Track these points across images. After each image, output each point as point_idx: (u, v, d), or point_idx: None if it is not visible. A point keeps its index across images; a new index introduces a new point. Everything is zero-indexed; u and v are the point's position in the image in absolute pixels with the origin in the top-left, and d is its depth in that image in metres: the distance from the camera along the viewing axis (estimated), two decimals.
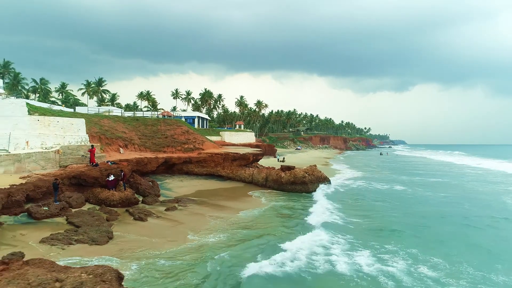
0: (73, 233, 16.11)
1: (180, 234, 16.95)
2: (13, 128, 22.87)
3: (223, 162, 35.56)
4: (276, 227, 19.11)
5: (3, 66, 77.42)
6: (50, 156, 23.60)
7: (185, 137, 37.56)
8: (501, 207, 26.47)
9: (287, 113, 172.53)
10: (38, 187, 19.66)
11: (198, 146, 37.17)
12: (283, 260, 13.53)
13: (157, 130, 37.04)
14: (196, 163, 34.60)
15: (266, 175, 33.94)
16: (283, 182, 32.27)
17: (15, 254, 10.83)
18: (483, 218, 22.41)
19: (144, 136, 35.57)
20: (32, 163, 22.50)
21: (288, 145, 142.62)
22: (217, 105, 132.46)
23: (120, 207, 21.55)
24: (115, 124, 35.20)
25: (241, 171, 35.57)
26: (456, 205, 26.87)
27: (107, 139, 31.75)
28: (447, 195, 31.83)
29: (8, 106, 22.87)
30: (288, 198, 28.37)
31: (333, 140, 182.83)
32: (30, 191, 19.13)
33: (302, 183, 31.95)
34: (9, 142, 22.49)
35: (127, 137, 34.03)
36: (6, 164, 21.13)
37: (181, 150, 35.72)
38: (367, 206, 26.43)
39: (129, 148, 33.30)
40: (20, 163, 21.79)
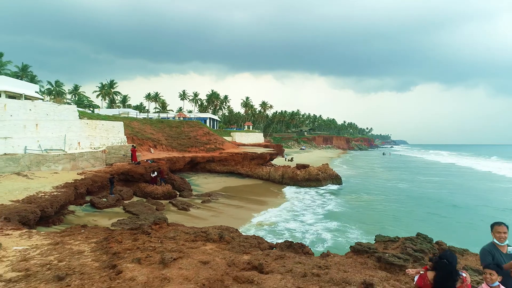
0: (135, 219, 19.24)
1: (243, 215, 21.20)
2: (67, 131, 26.06)
3: (242, 161, 38.70)
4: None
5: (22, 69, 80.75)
6: (98, 155, 26.78)
7: (207, 138, 40.71)
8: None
9: (291, 114, 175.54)
10: (95, 182, 22.89)
11: (219, 146, 40.31)
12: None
13: (181, 132, 40.20)
14: (218, 161, 37.75)
15: (282, 173, 37.06)
16: (298, 179, 35.40)
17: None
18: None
19: (170, 137, 38.74)
20: (84, 161, 25.71)
21: (292, 145, 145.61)
22: (222, 106, 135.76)
23: (163, 200, 24.71)
24: (144, 126, 38.39)
25: (259, 169, 38.69)
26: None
27: (138, 140, 34.92)
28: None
29: (63, 112, 26.05)
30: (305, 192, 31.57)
31: (336, 140, 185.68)
32: (89, 185, 22.35)
33: (316, 179, 35.09)
34: (64, 143, 25.68)
35: (155, 138, 37.21)
36: (64, 162, 24.33)
37: (204, 150, 38.86)
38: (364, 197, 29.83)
39: (157, 148, 36.48)
40: (75, 161, 25.00)
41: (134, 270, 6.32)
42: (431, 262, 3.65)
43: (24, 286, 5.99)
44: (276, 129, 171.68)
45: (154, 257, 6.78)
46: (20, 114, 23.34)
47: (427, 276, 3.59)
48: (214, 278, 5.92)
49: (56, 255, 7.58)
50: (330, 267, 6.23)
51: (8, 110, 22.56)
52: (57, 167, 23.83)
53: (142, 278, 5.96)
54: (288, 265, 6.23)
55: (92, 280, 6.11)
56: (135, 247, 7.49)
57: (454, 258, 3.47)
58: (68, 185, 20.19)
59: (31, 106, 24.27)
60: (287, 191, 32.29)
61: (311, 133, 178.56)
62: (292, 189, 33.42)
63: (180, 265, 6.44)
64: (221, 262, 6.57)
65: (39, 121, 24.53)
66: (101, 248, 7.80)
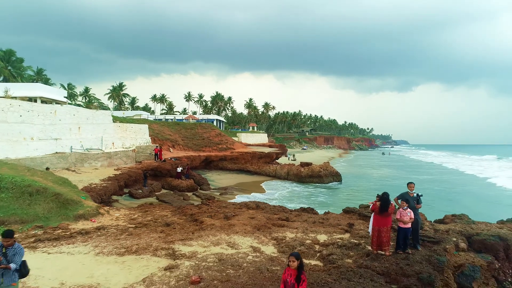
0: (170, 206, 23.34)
1: None
2: (103, 133, 30.16)
3: (251, 159, 42.76)
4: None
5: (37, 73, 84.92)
6: (129, 154, 30.88)
7: (219, 139, 44.79)
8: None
9: (292, 114, 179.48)
10: (130, 176, 26.98)
11: (229, 146, 44.38)
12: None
13: (195, 133, 44.30)
14: (230, 160, 41.82)
15: (287, 170, 41.07)
16: (302, 175, 39.42)
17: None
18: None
19: (186, 138, 42.85)
20: (118, 159, 29.80)
21: (294, 145, 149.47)
22: (226, 107, 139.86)
23: (187, 192, 28.76)
24: (162, 128, 42.51)
25: (266, 167, 42.73)
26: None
27: (159, 140, 39.02)
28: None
29: (100, 116, 30.14)
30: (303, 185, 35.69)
31: (337, 140, 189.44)
32: (126, 179, 26.44)
33: (318, 176, 39.10)
34: (101, 143, 29.78)
35: (173, 139, 41.32)
36: (102, 160, 28.43)
37: (217, 150, 42.94)
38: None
39: (175, 148, 40.57)
40: (110, 159, 29.10)
41: (210, 221, 10.39)
42: (378, 197, 7.64)
43: (147, 229, 10.05)
44: (278, 130, 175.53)
45: (219, 215, 10.85)
46: (66, 118, 27.41)
47: (376, 203, 7.58)
48: (260, 224, 9.98)
49: (151, 216, 11.64)
50: (329, 219, 10.31)
51: (57, 115, 26.63)
52: (96, 164, 27.92)
53: (218, 224, 10.03)
54: (304, 218, 10.31)
55: (186, 226, 10.17)
56: (202, 211, 11.56)
57: (388, 195, 7.44)
58: (111, 179, 24.30)
59: (74, 112, 28.37)
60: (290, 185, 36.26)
61: (312, 133, 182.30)
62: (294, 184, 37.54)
63: (237, 219, 10.51)
64: (262, 217, 10.64)
65: (81, 124, 28.62)
66: (179, 213, 11.88)
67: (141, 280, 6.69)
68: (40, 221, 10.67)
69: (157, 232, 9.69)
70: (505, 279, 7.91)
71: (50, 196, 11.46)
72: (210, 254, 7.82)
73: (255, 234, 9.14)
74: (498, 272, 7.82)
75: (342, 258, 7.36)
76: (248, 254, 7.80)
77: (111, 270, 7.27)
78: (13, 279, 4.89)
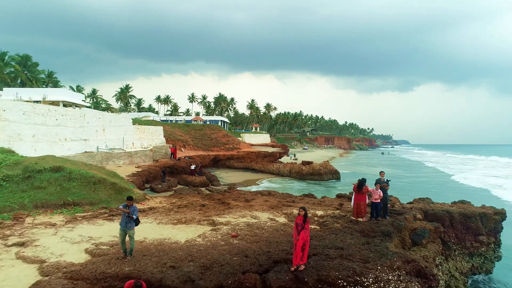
0: None
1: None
2: (124, 134, 33.45)
3: (256, 158, 46.03)
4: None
5: (48, 76, 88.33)
6: (148, 153, 34.16)
7: (226, 139, 48.08)
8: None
9: (294, 115, 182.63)
10: (150, 173, 30.25)
11: (236, 146, 47.66)
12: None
13: (204, 134, 47.59)
14: (236, 159, 45.09)
15: (290, 168, 44.33)
16: (303, 173, 42.66)
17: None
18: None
19: (195, 138, 46.14)
20: (138, 158, 33.08)
21: (295, 145, 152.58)
22: (229, 107, 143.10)
23: (200, 187, 31.99)
24: (173, 129, 45.82)
25: (270, 165, 45.98)
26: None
27: (171, 141, 42.33)
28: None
29: (121, 119, 33.44)
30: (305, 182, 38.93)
31: (337, 140, 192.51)
32: (147, 176, 29.70)
33: (318, 174, 42.35)
34: (123, 143, 33.06)
35: (184, 139, 44.62)
36: (124, 158, 31.71)
37: (224, 149, 46.22)
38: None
39: (186, 148, 43.88)
40: (131, 157, 32.38)
41: (235, 203, 13.65)
42: (358, 181, 10.88)
43: (187, 208, 13.32)
44: (279, 130, 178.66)
45: (240, 199, 14.12)
46: (93, 121, 30.70)
47: (355, 185, 10.84)
48: (273, 205, 13.24)
49: (186, 201, 14.92)
50: (325, 201, 13.58)
51: (86, 118, 29.92)
52: (119, 162, 31.19)
53: (241, 205, 13.28)
54: (306, 201, 13.57)
55: (217, 206, 13.43)
56: (226, 197, 14.84)
57: (364, 180, 10.69)
58: (135, 175, 27.56)
59: (100, 115, 31.67)
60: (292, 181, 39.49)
61: (313, 133, 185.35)
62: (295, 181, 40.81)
63: (255, 201, 13.77)
64: (274, 200, 13.93)
65: (105, 126, 31.92)
66: (208, 198, 15.15)
67: (197, 236, 9.97)
68: (104, 203, 13.95)
69: (196, 210, 12.96)
70: (449, 240, 11.16)
71: (108, 185, 14.75)
72: (240, 222, 11.10)
73: (270, 211, 12.40)
74: (444, 235, 11.06)
75: (333, 223, 10.61)
76: (267, 222, 11.08)
77: (173, 232, 10.54)
78: (132, 225, 8.18)
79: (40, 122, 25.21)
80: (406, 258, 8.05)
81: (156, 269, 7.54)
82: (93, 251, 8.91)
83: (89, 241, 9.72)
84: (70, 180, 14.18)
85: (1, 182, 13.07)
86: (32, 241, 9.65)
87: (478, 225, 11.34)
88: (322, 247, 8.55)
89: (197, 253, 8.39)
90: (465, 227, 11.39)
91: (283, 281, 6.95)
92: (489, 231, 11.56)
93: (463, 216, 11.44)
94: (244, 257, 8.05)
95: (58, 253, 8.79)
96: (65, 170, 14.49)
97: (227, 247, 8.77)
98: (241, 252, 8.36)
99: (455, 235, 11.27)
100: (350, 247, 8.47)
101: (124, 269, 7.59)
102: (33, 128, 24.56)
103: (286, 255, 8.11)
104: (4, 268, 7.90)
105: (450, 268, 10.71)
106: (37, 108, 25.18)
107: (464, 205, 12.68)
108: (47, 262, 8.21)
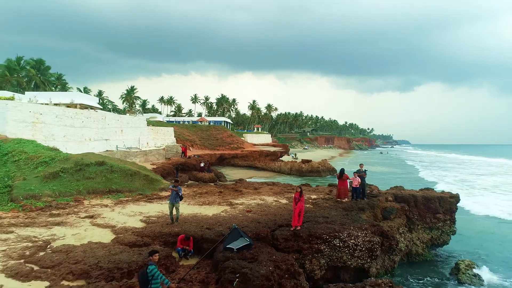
0: None
1: None
2: (140, 134, 36.76)
3: (259, 157, 49.32)
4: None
5: (57, 78, 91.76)
6: (161, 152, 37.49)
7: (230, 139, 51.40)
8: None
9: (294, 115, 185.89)
10: (164, 170, 33.54)
11: (240, 145, 50.97)
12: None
13: (210, 134, 50.92)
14: (241, 157, 48.41)
15: (290, 166, 47.61)
16: (303, 171, 45.95)
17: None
18: None
19: (202, 138, 49.47)
20: (152, 156, 36.42)
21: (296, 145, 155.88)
22: (231, 108, 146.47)
23: (209, 183, 35.29)
24: (182, 130, 49.14)
25: (272, 163, 49.28)
26: None
27: (180, 141, 45.65)
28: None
29: (137, 121, 36.76)
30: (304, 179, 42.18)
31: (337, 140, 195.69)
32: (161, 172, 32.97)
33: (317, 171, 45.64)
34: (139, 143, 36.37)
35: (192, 139, 47.93)
36: (140, 156, 35.02)
37: (229, 149, 49.53)
38: None
39: (194, 147, 47.19)
40: (146, 156, 35.71)
41: (246, 190, 16.96)
42: (339, 170, 14.16)
43: (208, 194, 16.63)
44: (280, 130, 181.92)
45: (250, 188, 17.42)
46: (112, 123, 34.01)
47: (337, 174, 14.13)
48: (277, 192, 16.56)
49: (205, 190, 18.21)
50: (318, 189, 16.90)
51: (106, 120, 33.23)
52: (135, 159, 34.48)
53: (251, 191, 16.60)
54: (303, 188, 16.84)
55: (232, 193, 16.74)
56: (238, 186, 18.14)
57: (343, 169, 13.98)
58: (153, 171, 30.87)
59: (118, 118, 34.99)
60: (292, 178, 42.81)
61: (313, 133, 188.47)
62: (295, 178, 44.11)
63: (262, 189, 17.08)
64: (278, 188, 17.26)
65: (123, 127, 35.24)
66: (223, 187, 18.45)
67: (220, 211, 13.28)
68: (139, 191, 17.26)
69: (215, 195, 16.28)
70: (413, 216, 14.44)
71: (142, 176, 18.07)
72: (251, 203, 14.41)
73: (275, 195, 15.71)
74: (409, 213, 14.35)
75: (323, 203, 13.89)
76: (273, 202, 14.39)
77: (201, 209, 13.85)
78: (178, 200, 11.50)
79: (69, 124, 28.53)
80: (373, 224, 11.35)
81: (197, 229, 10.85)
82: (146, 220, 12.22)
83: (140, 215, 13.03)
84: (112, 172, 17.50)
85: (60, 173, 16.38)
86: (98, 215, 12.95)
87: (436, 206, 14.59)
88: (314, 217, 11.85)
89: (223, 221, 11.71)
90: (426, 207, 14.65)
91: (285, 235, 10.25)
92: (445, 210, 14.80)
93: (425, 199, 14.70)
94: (257, 223, 11.35)
95: (122, 222, 12.10)
96: (107, 164, 17.81)
97: (244, 218, 12.08)
98: (255, 221, 11.66)
99: (418, 213, 14.53)
100: (334, 217, 11.78)
101: (174, 229, 10.89)
102: (64, 129, 27.89)
103: (287, 222, 11.39)
104: (89, 230, 11.21)
105: (413, 237, 13.97)
106: (66, 111, 28.50)
107: (428, 191, 15.94)
108: (117, 227, 11.51)
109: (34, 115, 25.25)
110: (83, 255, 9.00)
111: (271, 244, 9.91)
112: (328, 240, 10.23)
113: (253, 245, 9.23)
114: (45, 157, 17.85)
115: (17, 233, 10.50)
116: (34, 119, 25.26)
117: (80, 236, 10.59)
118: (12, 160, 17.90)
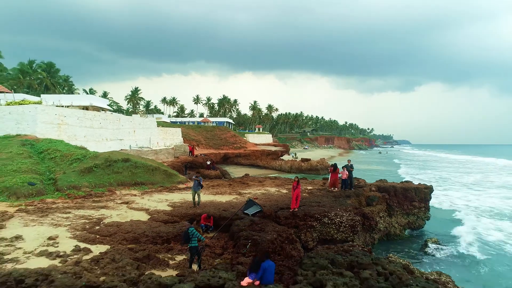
0: None
1: None
2: (150, 135, 39.57)
3: (261, 156, 52.12)
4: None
5: (64, 80, 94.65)
6: (170, 151, 40.30)
7: (234, 139, 54.20)
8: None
9: (295, 115, 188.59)
10: (174, 167, 36.27)
11: (243, 145, 53.78)
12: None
13: (214, 134, 53.72)
14: (243, 156, 51.22)
15: (290, 165, 50.39)
16: (303, 169, 48.74)
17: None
18: None
19: (207, 138, 52.29)
20: (162, 155, 39.23)
21: (296, 145, 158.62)
22: (232, 109, 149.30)
23: (215, 179, 38.07)
24: (188, 130, 51.96)
25: (273, 162, 52.06)
26: None
27: (187, 141, 48.46)
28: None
29: (148, 122, 39.56)
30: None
31: (337, 140, 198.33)
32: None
33: (315, 169, 48.43)
34: (150, 143, 39.18)
35: (197, 139, 50.74)
36: (151, 155, 37.79)
37: (232, 148, 52.33)
38: None
39: (199, 146, 49.99)
40: (157, 154, 38.51)
41: (252, 183, 19.76)
42: (333, 165, 16.93)
43: (219, 186, 19.44)
44: (280, 130, 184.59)
45: (255, 181, 20.25)
46: (126, 124, 36.82)
47: (331, 168, 16.89)
48: (279, 184, 19.40)
49: (216, 183, 20.99)
50: (314, 182, 19.70)
51: (120, 122, 36.04)
52: (147, 158, 37.25)
53: (256, 184, 19.41)
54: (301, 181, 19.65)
55: (240, 185, 19.54)
56: (245, 179, 20.95)
57: (336, 165, 16.74)
58: None
59: (131, 119, 37.80)
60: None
61: (313, 133, 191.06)
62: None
63: (266, 182, 19.89)
64: (279, 182, 20.11)
65: (136, 128, 38.05)
66: (231, 181, 21.24)
67: (231, 199, 16.08)
68: (160, 184, 20.06)
69: (226, 187, 19.10)
70: (392, 204, 17.23)
71: (161, 171, 20.87)
72: (257, 193, 17.21)
73: (277, 187, 18.53)
74: (389, 200, 17.13)
75: (317, 192, 16.68)
76: (275, 192, 17.21)
77: (215, 197, 16.65)
78: (200, 188, 14.32)
79: (89, 125, 31.35)
80: (355, 207, 14.15)
81: (215, 211, 13.65)
82: (173, 205, 15.02)
83: (166, 202, 15.83)
84: (136, 168, 20.31)
85: (93, 168, 19.19)
86: (131, 201, 15.74)
87: (412, 195, 17.38)
88: (308, 202, 14.65)
89: (235, 205, 14.52)
90: (404, 196, 17.43)
91: (285, 215, 13.05)
92: (421, 199, 17.58)
93: (403, 189, 17.49)
94: (263, 207, 14.14)
95: (153, 206, 14.90)
96: (132, 161, 20.62)
97: None
98: (261, 205, 14.45)
99: (397, 201, 17.32)
100: (324, 202, 14.58)
101: (197, 211, 13.69)
102: (84, 130, 30.71)
103: (287, 206, 14.18)
104: (128, 212, 14.01)
105: (392, 221, 16.75)
106: (86, 114, 31.32)
107: (407, 183, 18.73)
108: (150, 209, 14.31)
109: (59, 117, 28.07)
110: (131, 228, 11.80)
111: (274, 221, 12.70)
112: (319, 218, 13.02)
113: (262, 211, 12.32)
114: (77, 154, 20.66)
115: (73, 213, 13.30)
116: (59, 121, 28.08)
117: (123, 216, 13.38)
118: (49, 157, 20.73)
